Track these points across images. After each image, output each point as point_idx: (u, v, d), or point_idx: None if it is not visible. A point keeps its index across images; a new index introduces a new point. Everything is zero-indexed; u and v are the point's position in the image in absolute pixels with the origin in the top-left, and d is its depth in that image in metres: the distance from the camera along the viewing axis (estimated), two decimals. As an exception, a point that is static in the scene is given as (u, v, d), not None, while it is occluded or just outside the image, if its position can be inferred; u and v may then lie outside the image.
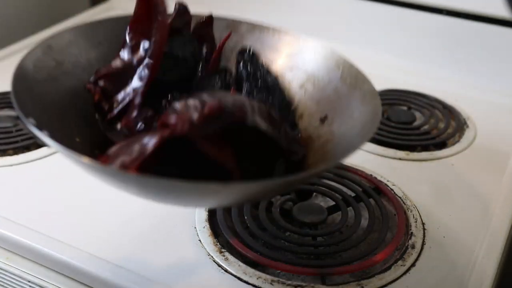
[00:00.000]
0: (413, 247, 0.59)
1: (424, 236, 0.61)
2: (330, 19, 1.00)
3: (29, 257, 0.60)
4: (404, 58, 0.92)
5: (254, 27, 0.65)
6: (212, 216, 0.62)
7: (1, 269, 0.61)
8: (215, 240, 0.59)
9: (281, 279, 0.55)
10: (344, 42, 0.97)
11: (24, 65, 0.52)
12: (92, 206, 0.64)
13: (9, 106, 0.80)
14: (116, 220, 0.61)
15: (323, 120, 0.56)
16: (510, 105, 0.86)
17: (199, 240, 0.59)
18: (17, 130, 0.75)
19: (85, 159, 0.41)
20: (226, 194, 0.44)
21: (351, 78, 0.58)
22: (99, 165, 0.43)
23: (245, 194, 0.45)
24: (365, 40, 0.97)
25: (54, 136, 0.44)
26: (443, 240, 0.61)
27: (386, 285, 0.55)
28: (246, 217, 0.62)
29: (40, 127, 0.45)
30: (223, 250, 0.58)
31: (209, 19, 0.60)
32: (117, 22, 0.59)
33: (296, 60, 0.63)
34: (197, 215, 0.62)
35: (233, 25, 0.64)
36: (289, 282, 0.55)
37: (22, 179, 0.68)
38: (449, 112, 0.86)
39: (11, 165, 0.70)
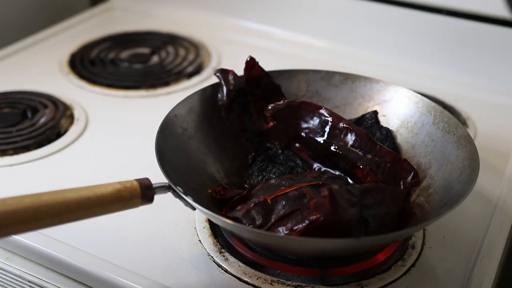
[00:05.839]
0: (413, 247, 0.59)
1: (424, 236, 0.61)
2: (330, 19, 1.00)
3: (29, 257, 0.60)
4: (404, 58, 0.92)
5: (347, 77, 0.70)
6: (212, 216, 0.62)
7: (1, 269, 0.61)
8: (215, 241, 0.59)
9: (281, 279, 0.55)
10: (344, 42, 0.97)
11: (160, 137, 0.58)
12: (92, 206, 0.63)
13: (9, 106, 0.81)
14: (116, 220, 0.61)
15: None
16: (510, 105, 0.86)
17: (199, 240, 0.59)
18: (17, 130, 0.75)
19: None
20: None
21: (444, 123, 0.62)
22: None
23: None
24: (365, 40, 0.97)
25: (199, 201, 0.52)
26: (443, 240, 0.61)
27: (386, 285, 0.55)
28: (246, 217, 0.62)
29: (185, 193, 0.51)
30: (223, 250, 0.58)
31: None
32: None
33: (389, 106, 0.67)
34: (197, 216, 0.62)
35: (327, 76, 0.70)
36: (289, 282, 0.55)
37: (22, 179, 0.68)
38: (448, 112, 0.85)
39: (11, 165, 0.70)
